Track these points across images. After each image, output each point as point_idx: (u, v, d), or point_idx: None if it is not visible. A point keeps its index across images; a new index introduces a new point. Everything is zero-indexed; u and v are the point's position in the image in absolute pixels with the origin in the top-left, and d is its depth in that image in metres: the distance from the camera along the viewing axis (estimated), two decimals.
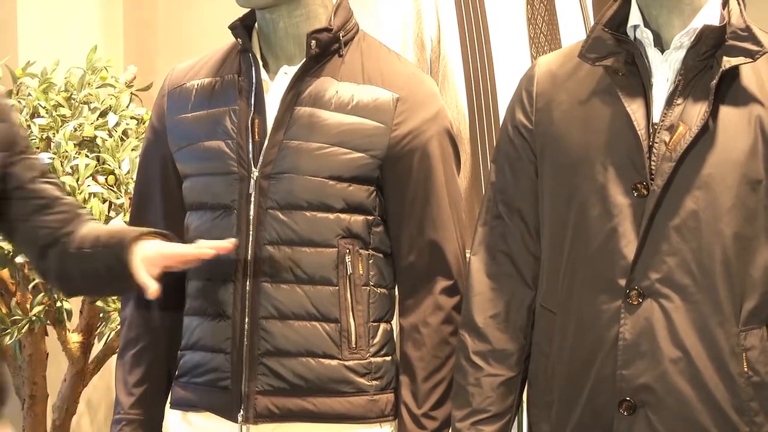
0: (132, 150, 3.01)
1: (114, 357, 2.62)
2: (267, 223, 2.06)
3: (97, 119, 3.08)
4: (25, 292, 3.01)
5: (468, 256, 2.11)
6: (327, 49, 2.10)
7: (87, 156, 2.98)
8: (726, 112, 1.88)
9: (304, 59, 2.09)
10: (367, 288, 2.10)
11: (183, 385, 2.16)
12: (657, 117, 1.91)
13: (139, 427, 2.20)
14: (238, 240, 2.06)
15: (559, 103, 1.99)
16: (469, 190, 2.65)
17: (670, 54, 1.93)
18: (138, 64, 3.41)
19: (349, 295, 2.08)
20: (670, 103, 1.90)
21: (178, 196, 2.17)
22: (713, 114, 1.88)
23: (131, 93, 3.23)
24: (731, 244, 1.87)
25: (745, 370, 1.88)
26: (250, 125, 2.09)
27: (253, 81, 2.11)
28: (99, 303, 3.05)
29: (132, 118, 3.14)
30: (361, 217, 2.09)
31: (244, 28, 2.14)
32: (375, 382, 2.10)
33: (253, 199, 2.07)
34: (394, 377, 2.14)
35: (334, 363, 2.07)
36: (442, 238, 2.12)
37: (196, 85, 2.17)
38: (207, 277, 2.10)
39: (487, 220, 2.07)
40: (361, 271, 2.09)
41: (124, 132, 3.09)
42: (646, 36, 1.94)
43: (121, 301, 2.30)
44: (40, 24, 3.55)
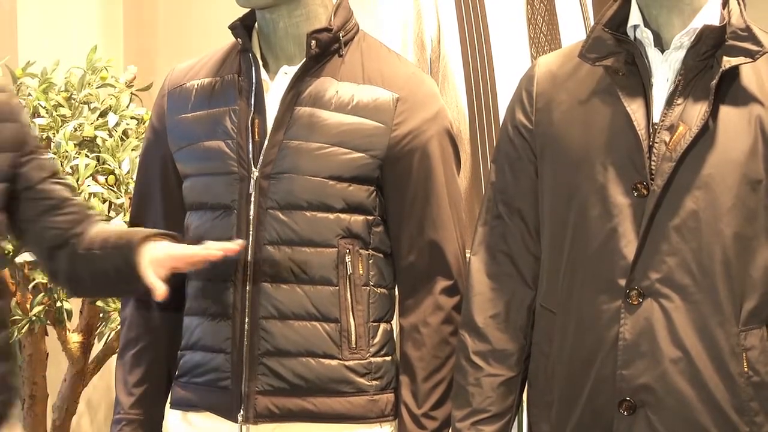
0: (132, 150, 3.01)
1: (114, 357, 2.62)
2: (267, 223, 2.06)
3: (97, 119, 3.08)
4: (25, 292, 3.01)
5: (468, 256, 2.11)
6: (327, 49, 2.10)
7: (87, 156, 2.98)
8: (726, 112, 1.88)
9: (304, 59, 2.09)
10: (367, 288, 2.10)
11: (183, 385, 2.16)
12: (657, 117, 1.91)
13: (139, 427, 2.20)
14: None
15: (559, 103, 1.99)
16: (469, 190, 2.65)
17: (670, 54, 1.93)
18: (138, 64, 3.41)
19: (349, 295, 2.08)
20: (670, 103, 1.90)
21: (178, 196, 2.17)
22: (713, 114, 1.88)
23: (131, 93, 3.23)
24: (731, 244, 1.87)
25: (745, 370, 1.88)
26: (250, 125, 2.09)
27: (253, 81, 2.11)
28: (99, 303, 3.05)
29: (132, 118, 3.13)
30: (361, 217, 2.09)
31: (244, 28, 2.14)
32: (375, 382, 2.10)
33: (253, 199, 2.07)
34: (394, 377, 2.14)
35: (334, 363, 2.07)
36: (442, 238, 2.12)
37: (196, 85, 2.17)
38: (207, 277, 2.10)
39: (487, 220, 2.07)
40: (361, 271, 2.09)
41: (124, 132, 3.09)
42: (646, 36, 1.94)
43: (121, 301, 2.30)
44: (40, 24, 3.55)
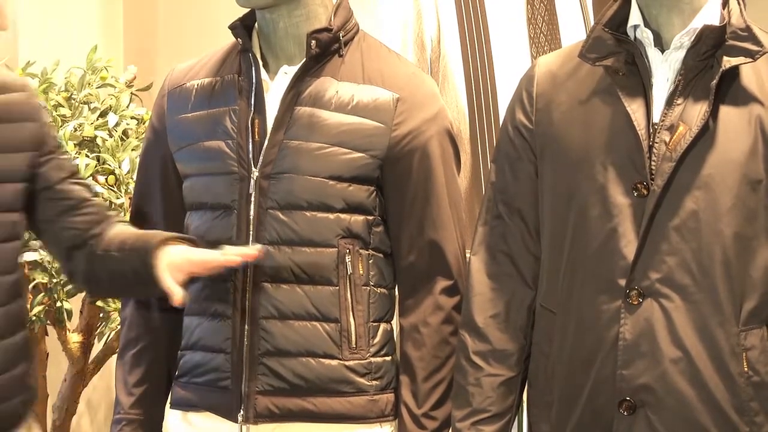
0: (132, 150, 3.01)
1: (114, 357, 2.62)
2: (267, 223, 2.06)
3: (97, 119, 3.08)
4: (25, 292, 3.01)
5: (468, 256, 2.11)
6: (327, 49, 2.10)
7: (87, 156, 2.98)
8: (726, 112, 1.88)
9: (304, 59, 2.09)
10: (367, 288, 2.09)
11: (183, 385, 2.16)
12: (657, 117, 1.91)
13: (139, 427, 2.20)
14: (240, 241, 2.06)
15: (559, 104, 1.99)
16: (469, 190, 2.65)
17: (670, 54, 1.92)
18: (138, 64, 3.41)
19: (349, 295, 2.07)
20: (670, 103, 1.90)
21: (178, 196, 2.17)
22: (713, 114, 1.87)
23: (131, 93, 3.23)
24: (731, 244, 1.87)
25: (745, 370, 1.88)
26: (250, 125, 2.09)
27: (253, 81, 2.11)
28: (99, 303, 3.05)
29: (132, 118, 3.13)
30: (361, 217, 2.09)
31: (244, 28, 2.14)
32: (375, 382, 2.10)
33: (253, 199, 2.07)
34: (394, 377, 2.14)
35: (335, 363, 2.07)
36: (442, 238, 2.12)
37: (196, 85, 2.17)
38: (207, 277, 2.10)
39: (487, 220, 2.07)
40: (361, 271, 2.08)
41: (124, 132, 3.09)
42: (646, 36, 1.94)
43: (121, 301, 2.30)
44: (40, 24, 3.55)
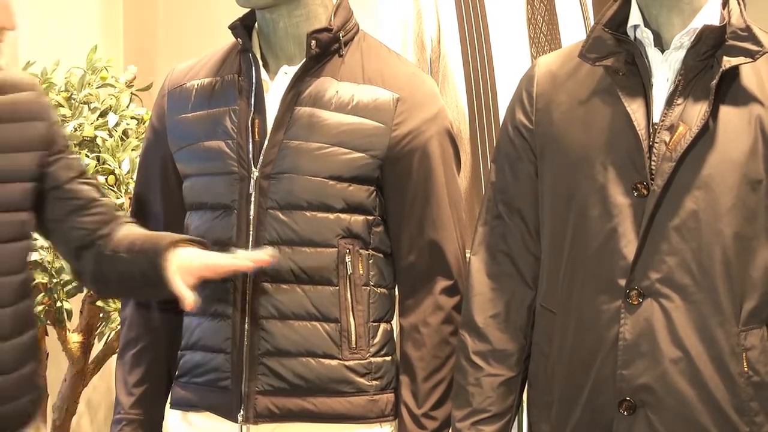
0: (132, 150, 3.01)
1: (114, 357, 2.62)
2: (267, 223, 2.06)
3: (97, 119, 3.08)
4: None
5: (468, 256, 2.11)
6: (327, 49, 2.10)
7: (87, 156, 2.98)
8: (726, 112, 1.88)
9: (304, 59, 2.09)
10: (367, 288, 2.09)
11: (183, 385, 2.16)
12: (657, 117, 1.91)
13: (139, 427, 2.20)
14: (240, 241, 2.06)
15: (559, 104, 1.99)
16: (469, 190, 2.65)
17: (670, 54, 1.92)
18: (138, 64, 3.41)
19: (349, 295, 2.07)
20: (670, 103, 1.90)
21: (178, 196, 2.17)
22: (713, 114, 1.87)
23: (131, 93, 3.23)
24: (731, 244, 1.87)
25: (745, 370, 1.88)
26: (250, 125, 2.09)
27: (253, 81, 2.11)
28: (99, 303, 3.05)
29: (132, 118, 3.13)
30: (361, 217, 2.09)
31: (244, 28, 2.14)
32: (375, 382, 2.10)
33: (253, 199, 2.07)
34: (394, 377, 2.14)
35: (335, 363, 2.07)
36: (442, 238, 2.12)
37: (196, 85, 2.17)
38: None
39: (487, 220, 2.07)
40: (361, 271, 2.08)
41: (124, 132, 3.09)
42: (646, 36, 1.94)
43: (121, 301, 2.30)
44: (40, 24, 3.54)
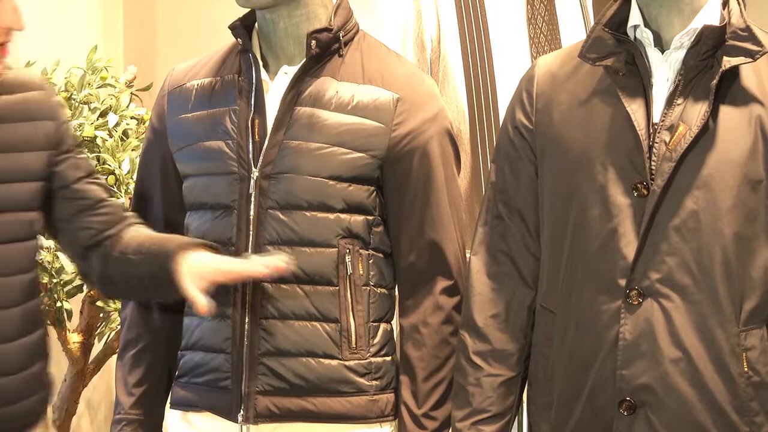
0: (132, 150, 3.01)
1: (114, 357, 2.62)
2: (267, 223, 2.06)
3: (97, 119, 3.08)
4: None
5: (468, 256, 2.11)
6: (327, 49, 2.10)
7: (87, 156, 2.98)
8: (726, 112, 1.88)
9: (305, 59, 2.09)
10: (367, 288, 2.09)
11: (183, 385, 2.16)
12: (657, 117, 1.91)
13: (139, 427, 2.20)
14: (240, 241, 2.06)
15: (559, 104, 1.99)
16: (469, 190, 2.65)
17: (670, 54, 1.92)
18: (138, 64, 3.41)
19: (349, 295, 2.07)
20: (670, 103, 1.90)
21: (178, 196, 2.17)
22: (713, 114, 1.87)
23: (131, 93, 3.23)
24: (731, 244, 1.87)
25: (745, 370, 1.88)
26: (250, 125, 2.09)
27: (253, 81, 2.11)
28: (99, 303, 3.05)
29: (132, 118, 3.13)
30: (361, 218, 2.09)
31: (244, 28, 2.14)
32: (375, 382, 2.10)
33: (253, 199, 2.07)
34: (395, 377, 2.14)
35: (335, 363, 2.07)
36: (442, 238, 2.12)
37: (196, 86, 2.17)
38: None
39: (487, 220, 2.07)
40: (361, 271, 2.08)
41: (124, 132, 3.09)
42: (646, 36, 1.94)
43: (122, 301, 2.30)
44: (40, 24, 3.54)
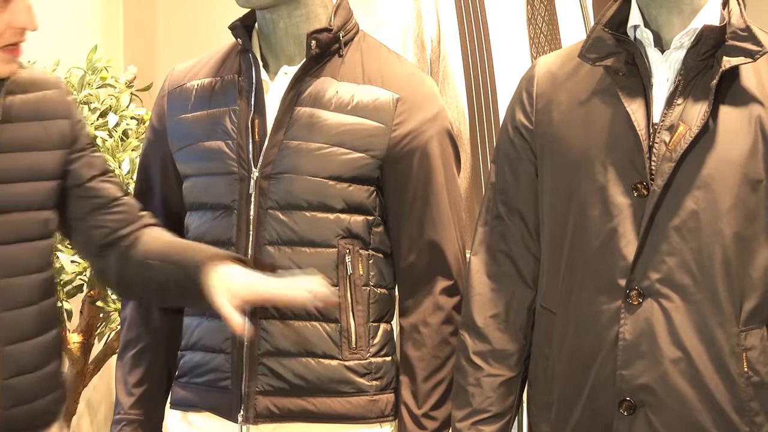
0: (132, 150, 3.01)
1: (114, 357, 2.62)
2: (267, 224, 2.06)
3: (97, 119, 3.08)
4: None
5: (468, 256, 2.11)
6: (327, 49, 2.10)
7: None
8: (726, 112, 1.88)
9: (304, 59, 2.09)
10: (367, 288, 2.09)
11: (183, 385, 2.16)
12: (657, 117, 1.91)
13: (139, 427, 2.20)
14: (240, 241, 2.06)
15: (559, 104, 1.99)
16: (469, 190, 2.65)
17: (670, 54, 1.93)
18: (138, 64, 3.41)
19: (349, 295, 2.07)
20: (670, 103, 1.90)
21: (178, 196, 2.17)
22: (713, 114, 1.87)
23: (131, 93, 3.23)
24: (731, 244, 1.87)
25: (745, 370, 1.88)
26: (250, 125, 2.09)
27: (253, 81, 2.11)
28: (99, 303, 3.05)
29: (132, 118, 3.13)
30: (361, 218, 2.09)
31: (244, 28, 2.14)
32: (375, 383, 2.10)
33: (253, 199, 2.07)
34: (395, 377, 2.14)
35: (334, 363, 2.07)
36: (442, 238, 2.12)
37: (196, 86, 2.17)
38: None
39: (487, 220, 2.07)
40: (361, 272, 2.08)
41: (124, 132, 3.09)
42: (646, 36, 1.94)
43: (121, 301, 2.30)
44: (41, 24, 3.54)
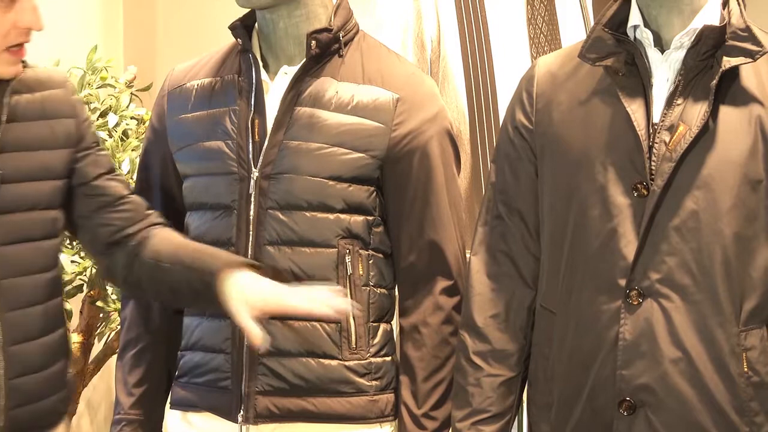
0: (132, 150, 3.01)
1: (114, 357, 2.62)
2: (267, 224, 2.06)
3: (97, 119, 3.08)
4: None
5: (468, 256, 2.11)
6: (327, 49, 2.10)
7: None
8: (726, 112, 1.88)
9: (304, 59, 2.09)
10: (367, 288, 2.09)
11: (183, 385, 2.16)
12: (657, 117, 1.91)
13: (139, 427, 2.20)
14: (240, 241, 2.06)
15: (559, 104, 1.99)
16: (469, 190, 2.65)
17: (670, 54, 1.92)
18: (138, 64, 3.41)
19: (349, 295, 2.07)
20: (670, 103, 1.90)
21: (178, 196, 2.17)
22: (713, 114, 1.87)
23: (131, 93, 3.23)
24: (731, 244, 1.87)
25: (745, 370, 1.88)
26: (250, 125, 2.09)
27: (253, 81, 2.11)
28: (99, 303, 3.05)
29: (132, 118, 3.13)
30: (361, 218, 2.09)
31: (244, 28, 2.14)
32: (375, 383, 2.10)
33: (253, 199, 2.07)
34: (394, 377, 2.14)
35: (335, 363, 2.07)
36: (442, 238, 2.12)
37: (196, 86, 2.17)
38: None
39: (487, 220, 2.07)
40: (361, 272, 2.08)
41: (124, 132, 3.09)
42: (646, 36, 1.94)
43: (121, 301, 2.30)
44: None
